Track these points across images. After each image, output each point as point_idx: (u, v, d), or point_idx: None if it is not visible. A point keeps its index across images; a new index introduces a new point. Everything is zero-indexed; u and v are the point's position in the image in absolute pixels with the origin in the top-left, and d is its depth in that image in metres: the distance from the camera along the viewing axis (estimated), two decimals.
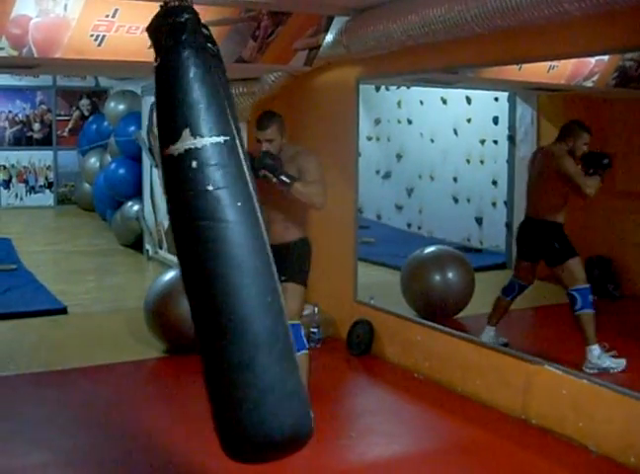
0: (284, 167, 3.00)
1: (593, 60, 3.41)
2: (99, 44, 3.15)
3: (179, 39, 2.01)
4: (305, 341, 3.14)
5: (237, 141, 2.01)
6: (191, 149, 1.94)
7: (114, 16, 3.10)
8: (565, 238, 3.64)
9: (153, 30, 2.09)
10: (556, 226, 3.65)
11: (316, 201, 3.08)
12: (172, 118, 1.98)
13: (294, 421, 2.00)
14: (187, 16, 2.05)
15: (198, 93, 1.98)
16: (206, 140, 1.95)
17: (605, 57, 3.40)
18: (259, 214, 2.00)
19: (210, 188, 1.92)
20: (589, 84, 3.53)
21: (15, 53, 3.07)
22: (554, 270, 3.64)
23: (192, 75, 1.98)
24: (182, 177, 1.95)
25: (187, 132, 1.94)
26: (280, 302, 1.99)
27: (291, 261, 3.14)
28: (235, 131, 2.03)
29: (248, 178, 2.01)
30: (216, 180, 1.93)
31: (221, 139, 1.96)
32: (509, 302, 3.85)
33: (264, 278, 1.98)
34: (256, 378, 1.92)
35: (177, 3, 2.06)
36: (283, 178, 2.96)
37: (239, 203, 1.95)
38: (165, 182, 2.05)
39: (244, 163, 2.01)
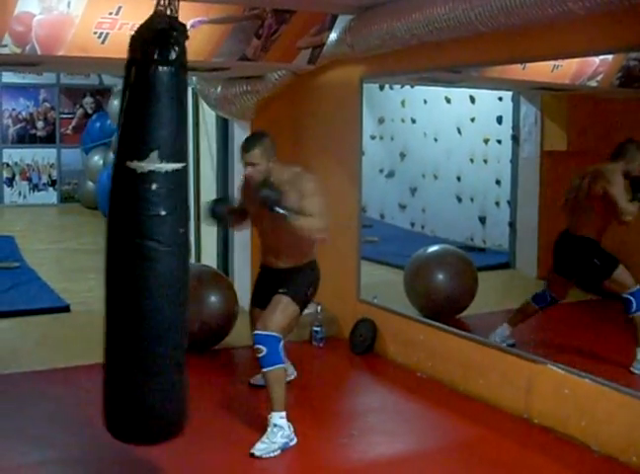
0: (281, 195, 2.85)
1: (597, 60, 3.40)
2: (102, 42, 3.15)
3: (167, 57, 2.01)
4: (283, 356, 2.98)
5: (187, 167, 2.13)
6: (154, 172, 2.02)
7: (117, 13, 3.10)
8: (603, 252, 3.63)
9: (138, 38, 2.06)
10: (592, 243, 3.62)
11: (316, 236, 2.98)
12: (143, 134, 2.02)
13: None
14: (177, 32, 2.04)
15: (174, 116, 2.02)
16: (170, 166, 2.04)
17: (610, 57, 3.39)
18: (189, 242, 2.24)
19: (163, 212, 2.05)
20: (593, 84, 3.52)
21: (18, 51, 3.07)
22: (604, 284, 3.63)
23: (172, 96, 2.01)
24: (139, 195, 2.04)
25: (155, 154, 2.01)
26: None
27: (291, 279, 3.07)
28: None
29: (189, 203, 2.20)
30: (169, 205, 2.06)
31: (180, 166, 2.06)
32: (536, 310, 3.84)
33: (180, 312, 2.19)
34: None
35: (167, 15, 2.04)
36: (280, 211, 2.84)
37: (181, 230, 2.11)
38: (116, 193, 2.12)
39: (190, 189, 2.21)
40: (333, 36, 3.79)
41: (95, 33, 3.14)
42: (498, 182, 5.47)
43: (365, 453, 2.96)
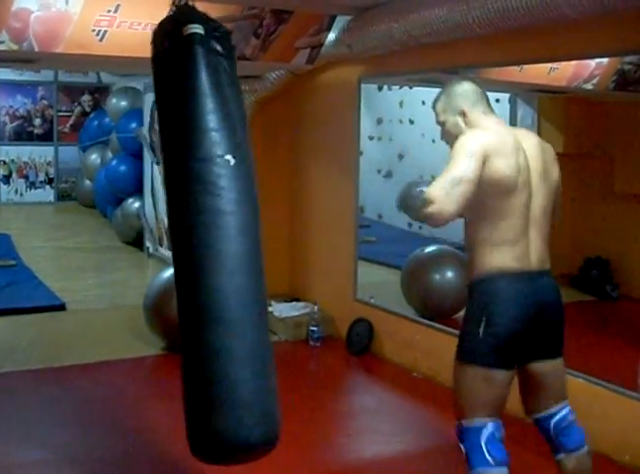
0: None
1: (593, 63, 3.42)
2: (100, 40, 3.15)
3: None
4: (488, 455, 2.03)
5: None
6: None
7: (116, 11, 3.11)
8: None
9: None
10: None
11: (425, 214, 2.00)
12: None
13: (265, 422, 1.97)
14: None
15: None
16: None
17: (605, 60, 3.42)
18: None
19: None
20: (589, 86, 3.54)
21: (15, 47, 3.06)
22: None
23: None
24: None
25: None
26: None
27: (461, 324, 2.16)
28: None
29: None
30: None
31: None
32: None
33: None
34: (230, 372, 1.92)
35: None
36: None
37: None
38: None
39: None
40: (331, 36, 3.80)
41: (93, 30, 3.14)
42: None
43: (362, 453, 2.97)
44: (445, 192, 1.91)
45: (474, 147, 1.98)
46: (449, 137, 2.18)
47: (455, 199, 1.92)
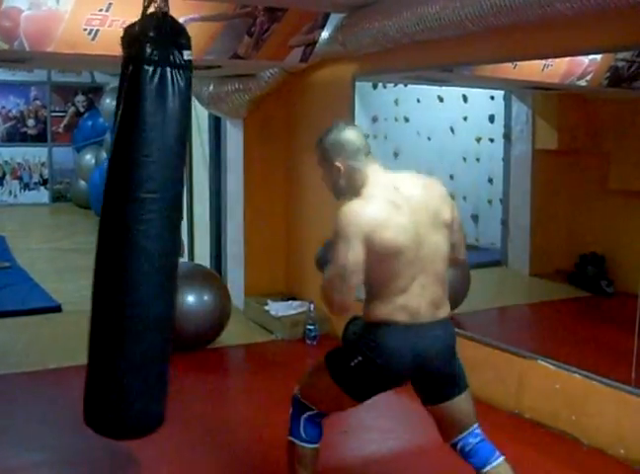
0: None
1: (586, 60, 3.43)
2: (92, 39, 3.14)
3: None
4: (302, 433, 2.25)
5: None
6: None
7: (107, 10, 3.09)
8: None
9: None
10: None
11: (326, 302, 2.09)
12: None
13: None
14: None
15: None
16: None
17: (598, 57, 3.42)
18: None
19: None
20: (582, 83, 3.55)
21: (6, 47, 3.04)
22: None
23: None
24: None
25: None
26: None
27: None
28: None
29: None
30: None
31: None
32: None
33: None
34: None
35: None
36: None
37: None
38: None
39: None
40: (325, 34, 3.80)
41: (85, 29, 3.12)
42: (490, 180, 5.50)
43: (358, 450, 2.97)
44: (342, 283, 1.98)
45: (352, 232, 1.96)
46: (330, 186, 2.17)
47: (351, 289, 1.99)
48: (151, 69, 2.09)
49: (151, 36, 2.10)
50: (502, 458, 2.22)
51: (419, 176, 2.16)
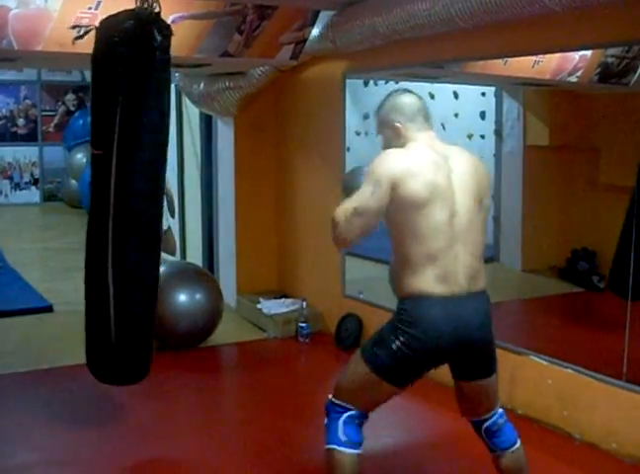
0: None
1: (577, 56, 3.44)
2: (81, 37, 3.12)
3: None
4: (343, 436, 2.12)
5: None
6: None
7: (96, 8, 3.08)
8: None
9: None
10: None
11: (334, 230, 2.09)
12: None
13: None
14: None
15: None
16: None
17: (589, 53, 3.43)
18: None
19: None
20: (573, 79, 3.56)
21: None
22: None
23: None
24: None
25: None
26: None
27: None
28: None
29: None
30: None
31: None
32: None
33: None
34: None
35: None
36: None
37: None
38: None
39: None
40: (315, 31, 3.79)
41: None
42: None
43: None
44: (347, 220, 1.99)
45: (382, 173, 1.99)
46: (384, 143, 2.20)
47: (355, 230, 2.00)
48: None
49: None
50: (520, 443, 2.24)
51: (469, 153, 2.19)
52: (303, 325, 4.29)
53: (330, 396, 2.16)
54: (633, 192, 3.44)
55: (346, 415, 2.10)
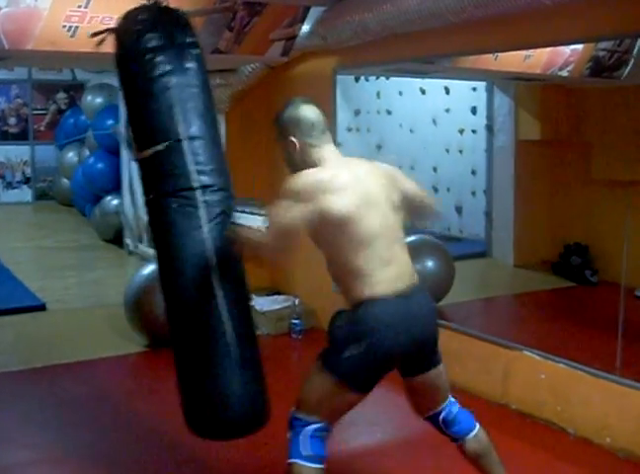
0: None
1: (568, 50, 3.44)
2: (72, 36, 3.11)
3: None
4: (307, 451, 2.07)
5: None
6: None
7: (86, 6, 3.06)
8: None
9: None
10: None
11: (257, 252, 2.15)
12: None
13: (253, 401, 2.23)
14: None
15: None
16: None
17: (580, 47, 3.44)
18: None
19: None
20: (564, 73, 3.56)
21: None
22: None
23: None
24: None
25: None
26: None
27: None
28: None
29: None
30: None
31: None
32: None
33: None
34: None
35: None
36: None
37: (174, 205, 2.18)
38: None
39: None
40: (305, 27, 3.78)
41: (64, 26, 3.09)
42: (473, 172, 5.52)
43: (346, 444, 2.97)
44: (275, 241, 2.00)
45: (299, 192, 1.99)
46: (286, 163, 2.18)
47: (285, 247, 2.02)
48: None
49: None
50: (479, 425, 2.24)
51: (367, 161, 2.17)
52: (296, 322, 4.29)
53: (293, 409, 2.13)
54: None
55: (309, 428, 2.06)
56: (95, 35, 2.98)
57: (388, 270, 2.01)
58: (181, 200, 2.15)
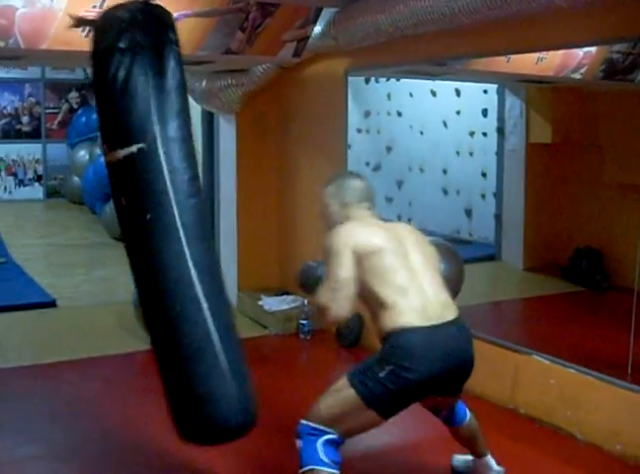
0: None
1: (581, 52, 3.42)
2: (86, 36, 3.13)
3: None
4: (324, 457, 2.12)
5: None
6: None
7: (101, 6, 3.08)
8: None
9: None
10: None
11: (326, 313, 2.14)
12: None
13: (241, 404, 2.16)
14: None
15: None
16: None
17: (593, 49, 3.41)
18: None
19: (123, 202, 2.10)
20: (577, 76, 3.54)
21: (1, 44, 3.06)
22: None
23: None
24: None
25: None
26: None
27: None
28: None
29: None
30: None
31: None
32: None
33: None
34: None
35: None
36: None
37: (148, 216, 2.04)
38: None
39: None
40: (317, 29, 3.79)
41: (79, 26, 3.11)
42: (484, 174, 5.50)
43: (352, 446, 2.94)
44: (333, 300, 2.08)
45: (344, 243, 2.13)
46: (325, 219, 2.37)
47: (344, 303, 2.09)
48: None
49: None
50: (469, 412, 2.47)
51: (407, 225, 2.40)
52: (304, 322, 4.29)
53: (304, 420, 2.16)
54: None
55: (324, 438, 2.10)
56: (77, 21, 2.91)
57: (417, 300, 2.11)
58: (156, 208, 2.05)
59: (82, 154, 8.91)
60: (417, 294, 2.10)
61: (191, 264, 2.03)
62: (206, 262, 2.09)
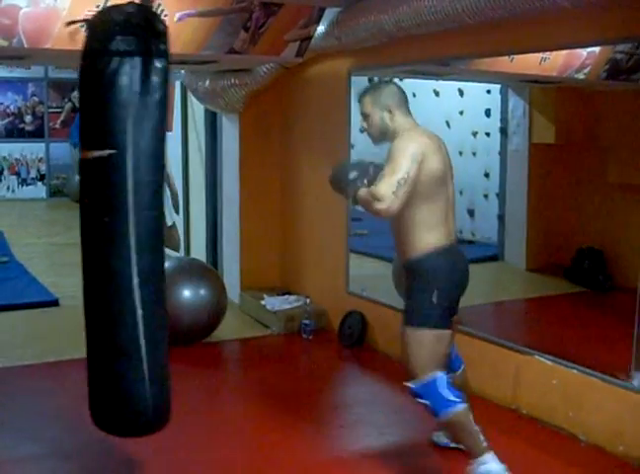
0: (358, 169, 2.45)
1: (584, 52, 3.41)
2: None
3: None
4: (450, 396, 2.39)
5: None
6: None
7: (104, 7, 3.09)
8: None
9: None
10: None
11: (373, 209, 2.31)
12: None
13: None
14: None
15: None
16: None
17: (597, 49, 3.41)
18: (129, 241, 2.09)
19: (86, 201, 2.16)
20: (580, 76, 3.54)
21: (5, 44, 3.06)
22: None
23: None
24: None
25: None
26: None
27: (407, 295, 2.54)
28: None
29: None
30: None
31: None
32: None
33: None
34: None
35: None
36: (346, 193, 2.49)
37: (106, 219, 2.09)
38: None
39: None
40: (321, 28, 3.78)
41: (82, 26, 3.11)
42: (487, 174, 5.50)
43: (354, 445, 2.98)
44: (393, 192, 2.27)
45: (414, 150, 2.34)
46: (372, 129, 2.54)
47: (400, 199, 2.29)
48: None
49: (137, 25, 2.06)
50: (463, 363, 2.84)
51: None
52: (307, 321, 4.29)
53: (411, 383, 2.44)
54: None
55: (440, 380, 2.39)
56: (70, 23, 2.92)
57: (447, 226, 2.46)
58: (114, 213, 2.09)
59: None
60: (449, 221, 2.46)
61: (135, 271, 2.09)
62: (153, 273, 2.15)
